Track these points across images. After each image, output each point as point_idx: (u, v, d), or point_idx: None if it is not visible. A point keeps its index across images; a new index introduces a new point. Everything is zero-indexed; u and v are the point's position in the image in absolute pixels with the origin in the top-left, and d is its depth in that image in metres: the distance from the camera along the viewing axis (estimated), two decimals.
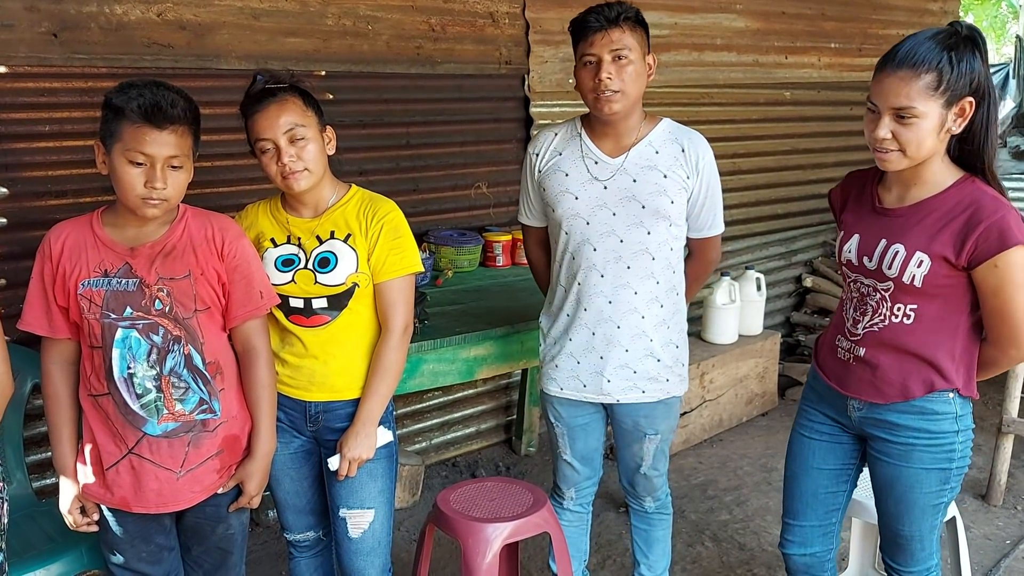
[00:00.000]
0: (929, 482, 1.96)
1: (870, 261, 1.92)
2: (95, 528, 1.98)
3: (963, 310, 1.89)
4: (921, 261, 1.83)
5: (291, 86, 2.02)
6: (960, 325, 1.90)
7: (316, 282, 2.04)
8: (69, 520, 1.97)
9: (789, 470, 2.20)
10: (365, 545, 2.15)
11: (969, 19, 14.17)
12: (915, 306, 1.88)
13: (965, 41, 1.75)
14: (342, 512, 2.13)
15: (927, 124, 1.76)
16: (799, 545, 2.19)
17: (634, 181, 2.23)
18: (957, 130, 1.79)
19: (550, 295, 2.43)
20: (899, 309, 1.90)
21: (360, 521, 2.13)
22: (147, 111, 1.76)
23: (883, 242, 1.90)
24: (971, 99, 1.76)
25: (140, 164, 1.78)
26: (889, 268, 1.88)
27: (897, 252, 1.87)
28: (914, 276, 1.84)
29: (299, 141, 1.98)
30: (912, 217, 1.87)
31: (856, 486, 2.18)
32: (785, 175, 4.97)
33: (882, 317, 1.93)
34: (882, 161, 1.84)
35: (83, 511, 1.96)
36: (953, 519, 2.55)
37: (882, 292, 1.91)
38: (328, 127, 2.08)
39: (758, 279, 4.48)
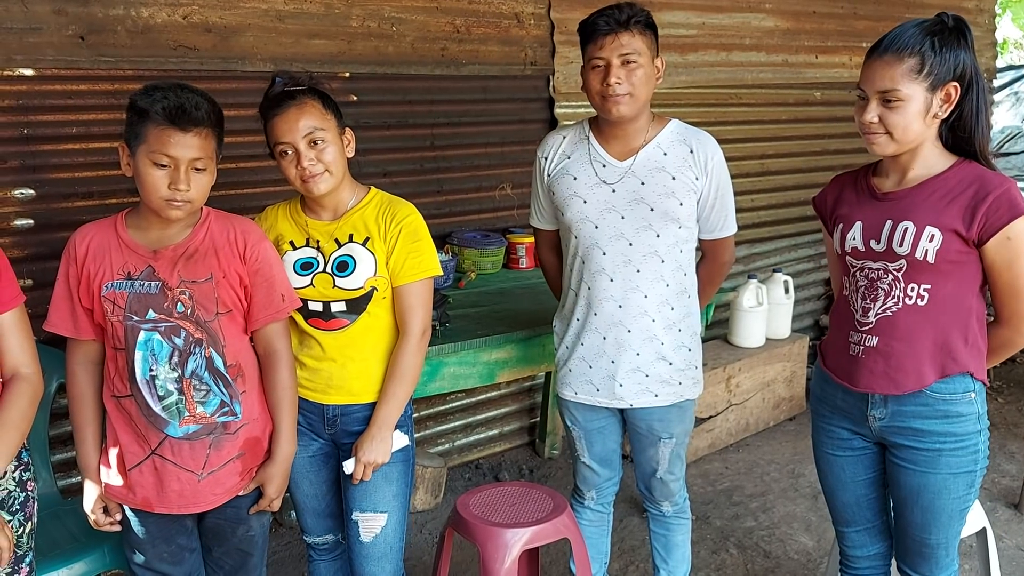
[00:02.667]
0: (957, 487, 1.94)
1: (878, 244, 1.91)
2: (117, 528, 2.00)
3: (973, 291, 1.90)
4: (932, 235, 1.83)
5: (310, 88, 2.02)
6: (971, 307, 1.90)
7: (335, 286, 2.04)
8: (92, 519, 1.98)
9: (825, 485, 2.19)
10: (376, 550, 2.13)
11: (1007, 17, 13.88)
12: (928, 286, 1.87)
13: (951, 30, 1.80)
14: (355, 515, 2.12)
15: (912, 107, 1.81)
16: (861, 547, 2.19)
17: (642, 184, 2.20)
18: (943, 115, 1.83)
19: (563, 299, 2.41)
20: (912, 290, 1.89)
21: (372, 525, 2.12)
22: (171, 113, 1.77)
23: (889, 223, 1.90)
24: (956, 84, 1.81)
25: (164, 166, 1.79)
26: (900, 246, 1.87)
27: (907, 229, 1.86)
28: (927, 251, 1.84)
29: (318, 144, 1.98)
30: (916, 196, 1.88)
31: None
32: (815, 176, 4.89)
33: (895, 300, 1.91)
34: (871, 145, 1.89)
35: (106, 511, 1.98)
36: (983, 530, 2.50)
37: (894, 273, 1.90)
38: (347, 129, 2.07)
39: (786, 281, 4.42)
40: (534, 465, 3.94)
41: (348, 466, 2.07)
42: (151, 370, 1.86)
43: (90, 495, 1.98)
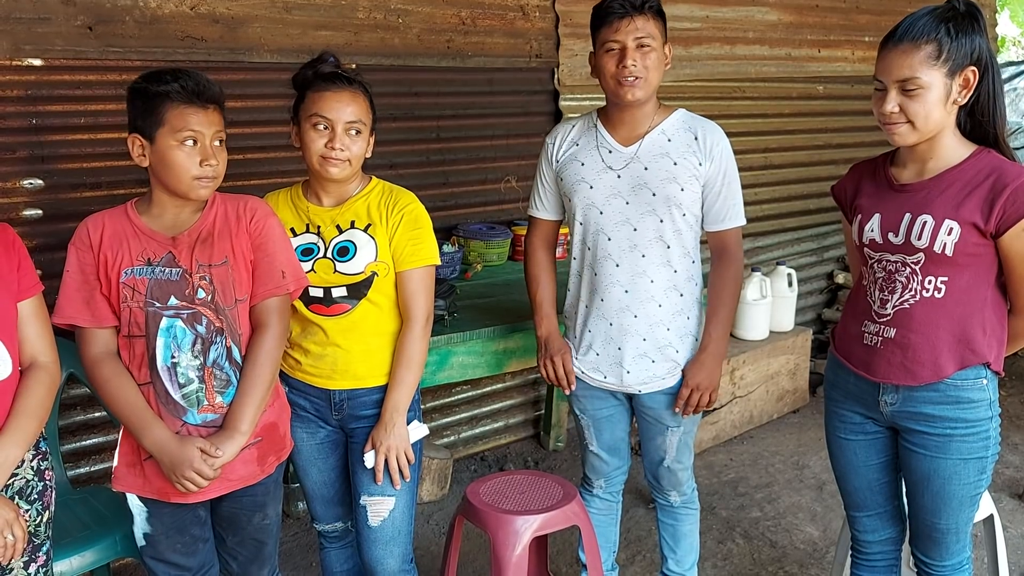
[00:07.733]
0: (967, 472, 1.95)
1: (896, 236, 1.91)
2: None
3: (990, 281, 1.90)
4: (951, 229, 1.83)
5: (362, 84, 2.07)
6: (988, 297, 1.90)
7: (335, 271, 2.05)
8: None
9: (837, 470, 2.19)
10: (384, 534, 2.14)
11: (1004, 15, 13.90)
12: (945, 278, 1.88)
13: (964, 15, 1.80)
14: (362, 499, 2.13)
15: (932, 95, 1.80)
16: (872, 532, 2.19)
17: (645, 169, 2.22)
18: (963, 100, 1.83)
19: (569, 285, 2.41)
20: (930, 282, 1.89)
21: (380, 509, 2.13)
22: (191, 91, 1.81)
23: (908, 216, 1.90)
24: (973, 69, 1.80)
25: (194, 143, 1.82)
26: (919, 239, 1.87)
27: (925, 222, 1.86)
28: (945, 244, 1.84)
29: (354, 135, 2.03)
30: (934, 189, 1.88)
31: None
32: (818, 170, 4.91)
33: (913, 292, 1.91)
34: (892, 135, 1.88)
35: None
36: (991, 517, 2.51)
37: (912, 266, 1.90)
38: (373, 133, 2.12)
39: (789, 275, 4.43)
40: (539, 457, 3.95)
41: (369, 460, 2.07)
42: (173, 357, 1.86)
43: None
